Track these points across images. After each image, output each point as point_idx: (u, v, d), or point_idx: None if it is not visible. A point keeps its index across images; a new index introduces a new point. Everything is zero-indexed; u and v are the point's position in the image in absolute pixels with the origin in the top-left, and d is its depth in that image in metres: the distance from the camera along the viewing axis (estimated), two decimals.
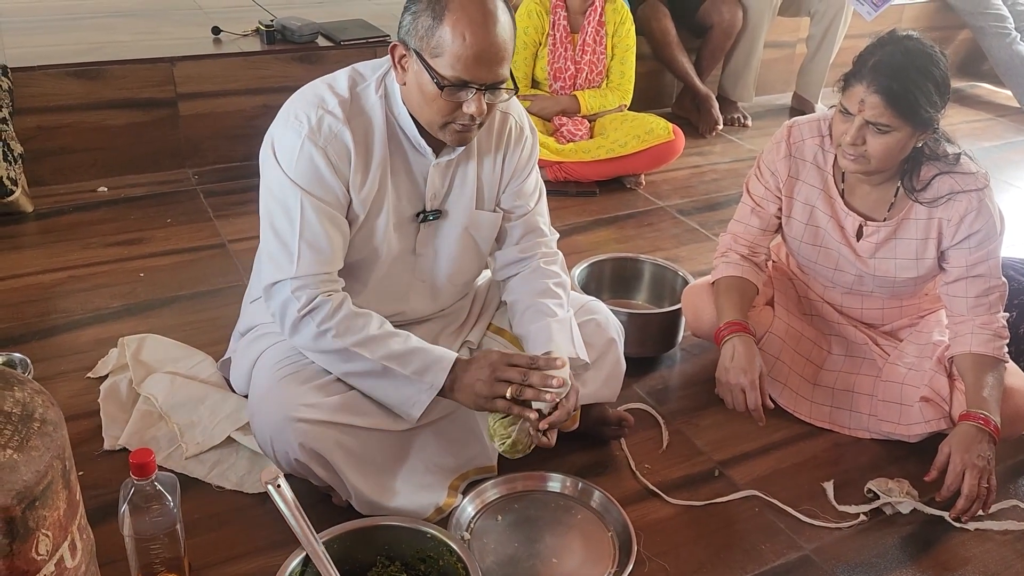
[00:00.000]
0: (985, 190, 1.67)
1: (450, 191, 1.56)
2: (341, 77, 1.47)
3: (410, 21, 1.35)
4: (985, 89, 4.41)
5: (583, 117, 3.08)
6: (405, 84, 1.41)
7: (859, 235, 1.77)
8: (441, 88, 1.34)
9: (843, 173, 1.75)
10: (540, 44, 3.01)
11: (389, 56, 1.42)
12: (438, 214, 1.56)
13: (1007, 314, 1.76)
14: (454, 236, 1.59)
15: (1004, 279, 1.74)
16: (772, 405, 1.72)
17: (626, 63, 3.11)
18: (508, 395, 1.40)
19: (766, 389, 1.70)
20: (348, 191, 1.45)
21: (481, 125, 1.42)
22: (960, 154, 1.69)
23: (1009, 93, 4.20)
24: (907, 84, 1.52)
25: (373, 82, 1.46)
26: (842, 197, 1.77)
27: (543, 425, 1.42)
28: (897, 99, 1.53)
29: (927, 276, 1.79)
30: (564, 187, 2.92)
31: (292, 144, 1.41)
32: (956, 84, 4.38)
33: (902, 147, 1.60)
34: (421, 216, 1.54)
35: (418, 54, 1.35)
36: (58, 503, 0.99)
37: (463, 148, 1.50)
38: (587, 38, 3.01)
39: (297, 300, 1.41)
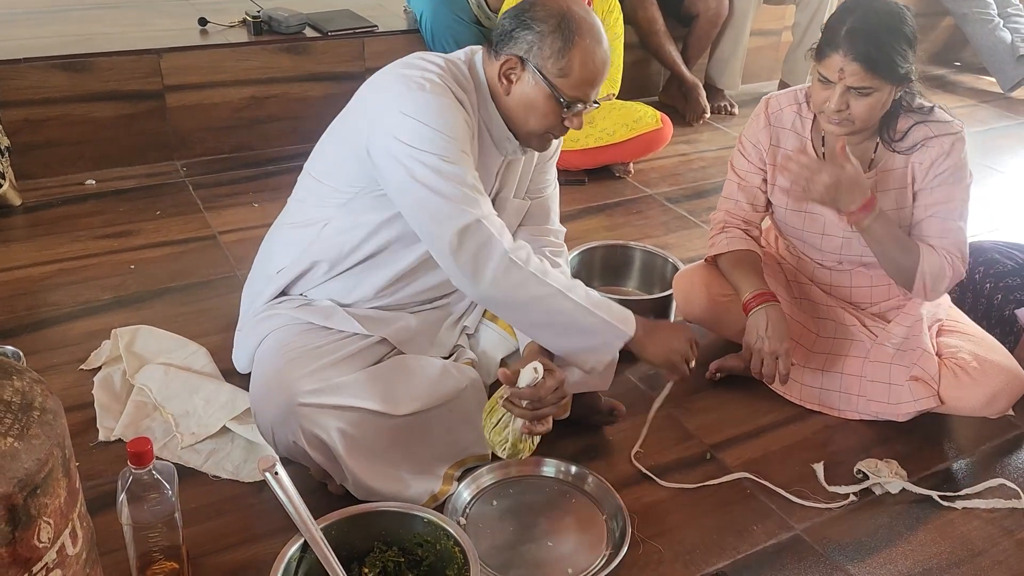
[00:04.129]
0: (958, 136, 1.71)
1: (506, 182, 1.63)
2: (434, 57, 1.49)
3: (533, 40, 1.43)
4: (969, 75, 4.45)
5: None
6: (509, 95, 1.48)
7: None
8: (567, 107, 1.44)
9: (823, 137, 1.79)
10: None
11: (495, 65, 1.48)
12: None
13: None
14: None
15: (963, 230, 1.74)
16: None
17: (614, 52, 3.11)
18: (690, 363, 1.57)
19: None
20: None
21: None
22: (935, 107, 1.74)
23: (992, 79, 4.23)
24: (882, 47, 1.57)
25: (465, 70, 1.51)
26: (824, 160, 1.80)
27: (528, 417, 1.44)
28: (876, 63, 1.57)
29: (909, 230, 1.82)
30: None
31: (429, 100, 1.40)
32: (939, 71, 4.47)
33: (884, 104, 1.65)
34: None
35: (541, 72, 1.43)
36: (59, 491, 0.99)
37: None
38: None
39: (499, 235, 1.40)
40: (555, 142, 1.67)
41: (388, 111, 1.42)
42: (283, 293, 1.65)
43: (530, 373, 1.43)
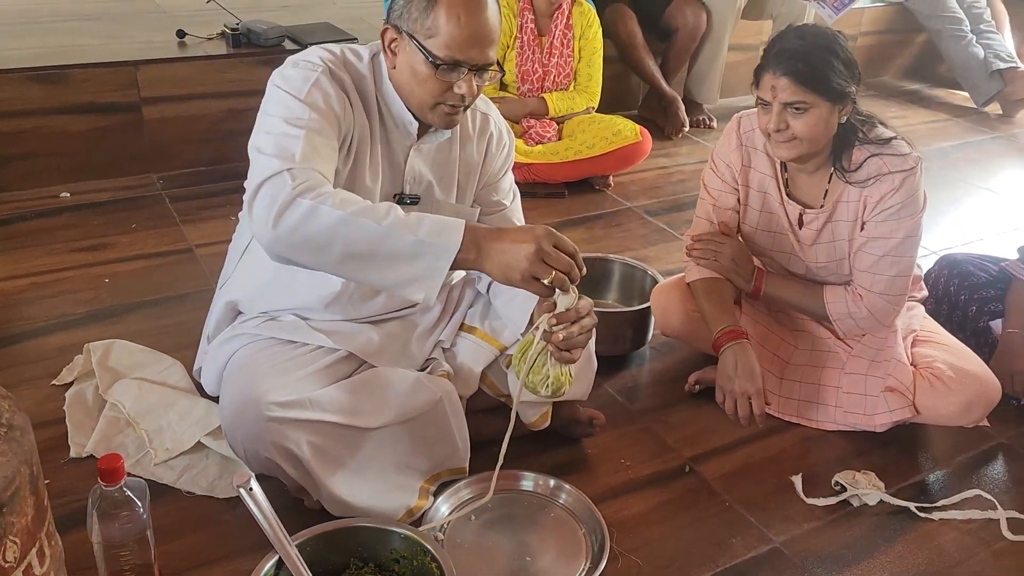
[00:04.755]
0: (912, 172, 1.71)
1: (430, 180, 1.58)
2: (334, 47, 1.50)
3: (403, 4, 1.39)
4: (943, 90, 4.51)
5: (551, 119, 3.10)
6: (395, 68, 1.44)
7: (800, 223, 1.82)
8: (436, 67, 1.38)
9: (784, 164, 1.81)
10: (508, 47, 3.02)
11: (380, 40, 1.46)
12: (416, 200, 1.57)
13: (917, 307, 1.86)
14: None
15: (907, 276, 1.76)
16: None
17: (593, 66, 3.13)
18: (547, 281, 1.26)
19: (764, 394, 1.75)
20: (344, 139, 1.45)
21: (467, 108, 1.46)
22: (893, 138, 1.74)
23: (965, 94, 4.30)
24: (810, 60, 1.60)
25: (366, 57, 1.50)
26: (786, 187, 1.82)
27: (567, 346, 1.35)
28: (804, 76, 1.60)
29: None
30: (533, 189, 2.94)
31: (306, 77, 1.40)
32: (914, 86, 4.53)
33: (826, 122, 1.65)
34: (398, 198, 1.56)
35: (411, 36, 1.39)
36: (26, 509, 0.98)
37: (445, 137, 1.54)
38: (554, 41, 3.03)
39: (293, 179, 1.26)
40: (504, 152, 1.65)
41: (270, 84, 1.44)
42: (238, 312, 1.65)
43: (569, 295, 1.37)
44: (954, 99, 4.39)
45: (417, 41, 1.38)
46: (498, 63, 1.46)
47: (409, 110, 1.48)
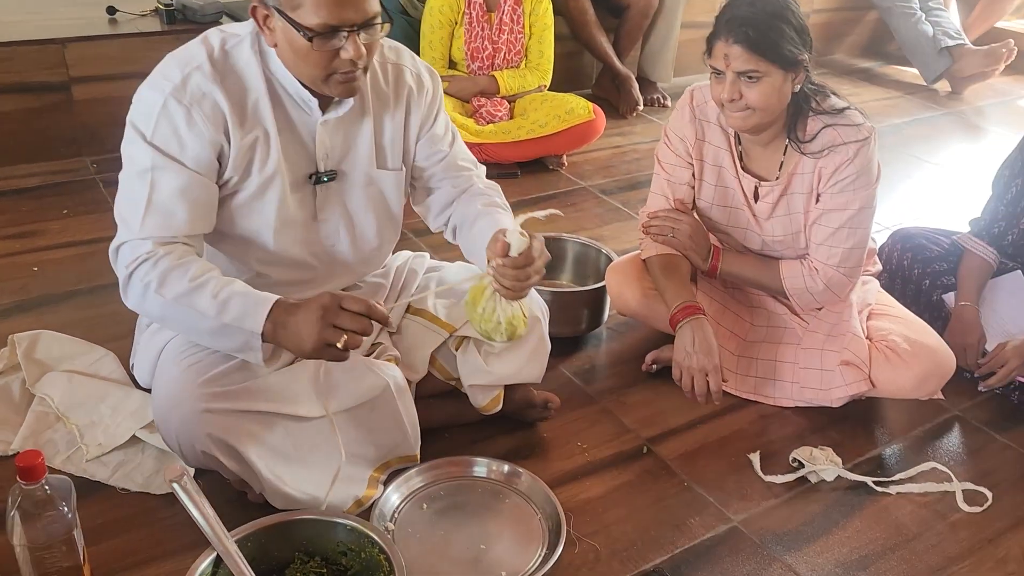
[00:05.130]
0: (866, 142, 1.69)
1: (345, 151, 1.49)
2: (212, 35, 1.40)
3: None
4: (894, 67, 4.54)
5: (502, 98, 3.03)
6: (276, 45, 1.34)
7: (756, 197, 1.79)
8: (310, 40, 1.27)
9: (738, 136, 1.77)
10: (456, 23, 2.94)
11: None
12: (334, 175, 1.49)
13: (872, 281, 1.85)
14: (357, 198, 1.52)
15: (862, 248, 1.75)
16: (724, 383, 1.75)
17: (544, 42, 3.07)
18: (340, 344, 1.28)
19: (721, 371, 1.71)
20: (221, 155, 1.37)
21: (366, 69, 1.36)
22: (847, 108, 1.72)
23: (916, 71, 4.33)
24: (762, 28, 1.57)
25: (247, 38, 1.39)
26: (740, 160, 1.79)
27: (519, 288, 1.36)
28: (757, 44, 1.57)
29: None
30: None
31: (154, 103, 1.33)
32: (866, 64, 4.55)
33: (779, 91, 1.62)
34: (314, 178, 1.47)
35: (278, 10, 1.28)
36: None
37: (353, 103, 1.44)
38: (504, 17, 2.96)
39: (131, 253, 1.34)
40: (430, 95, 1.54)
41: (133, 101, 1.38)
42: None
43: (518, 238, 1.36)
44: (905, 76, 4.42)
45: (284, 15, 1.27)
46: (385, 11, 1.34)
47: (305, 86, 1.38)
